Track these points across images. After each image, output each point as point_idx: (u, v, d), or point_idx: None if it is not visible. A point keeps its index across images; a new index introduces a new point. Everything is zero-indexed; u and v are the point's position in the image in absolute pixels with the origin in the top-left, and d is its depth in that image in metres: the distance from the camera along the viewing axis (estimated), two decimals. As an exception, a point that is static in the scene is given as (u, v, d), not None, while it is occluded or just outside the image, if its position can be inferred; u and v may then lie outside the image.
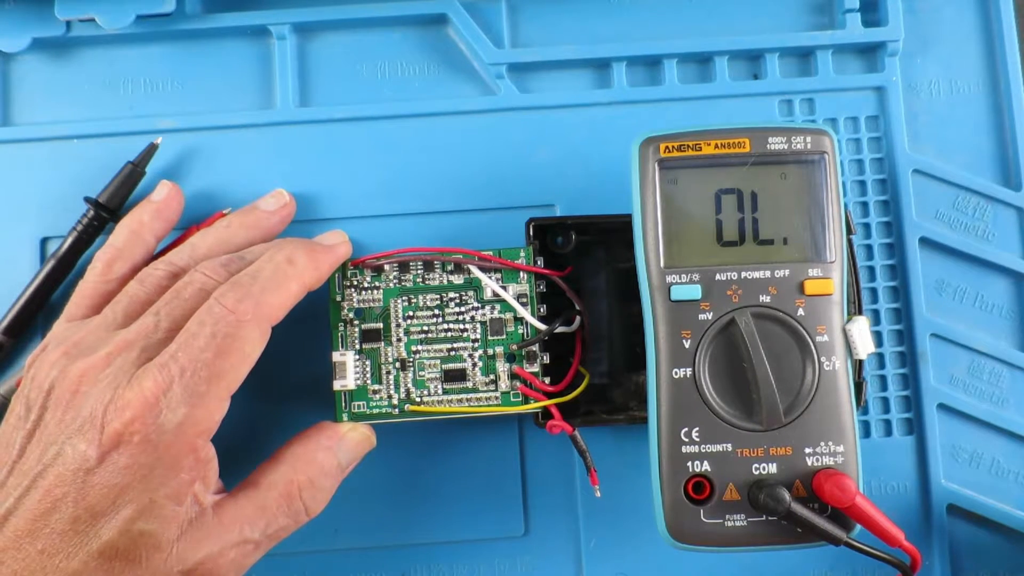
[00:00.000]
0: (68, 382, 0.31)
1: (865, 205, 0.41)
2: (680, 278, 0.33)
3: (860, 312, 0.36)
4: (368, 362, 0.36)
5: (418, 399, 0.36)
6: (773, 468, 0.32)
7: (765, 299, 0.33)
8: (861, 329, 0.33)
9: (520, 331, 0.37)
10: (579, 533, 0.39)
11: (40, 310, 0.39)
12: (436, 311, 0.37)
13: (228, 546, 0.31)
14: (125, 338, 0.32)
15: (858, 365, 0.34)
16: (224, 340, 0.30)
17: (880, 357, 0.40)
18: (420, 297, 0.37)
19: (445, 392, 0.37)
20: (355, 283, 0.37)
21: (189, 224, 0.39)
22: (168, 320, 0.32)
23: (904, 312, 0.40)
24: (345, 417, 0.36)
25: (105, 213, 0.39)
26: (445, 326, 0.37)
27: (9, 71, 0.42)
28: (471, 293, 0.37)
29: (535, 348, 0.36)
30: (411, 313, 0.37)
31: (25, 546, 0.29)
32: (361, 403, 0.36)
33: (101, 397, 0.30)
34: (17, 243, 0.40)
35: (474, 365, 0.37)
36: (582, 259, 0.39)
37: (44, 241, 0.40)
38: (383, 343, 0.37)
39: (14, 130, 0.41)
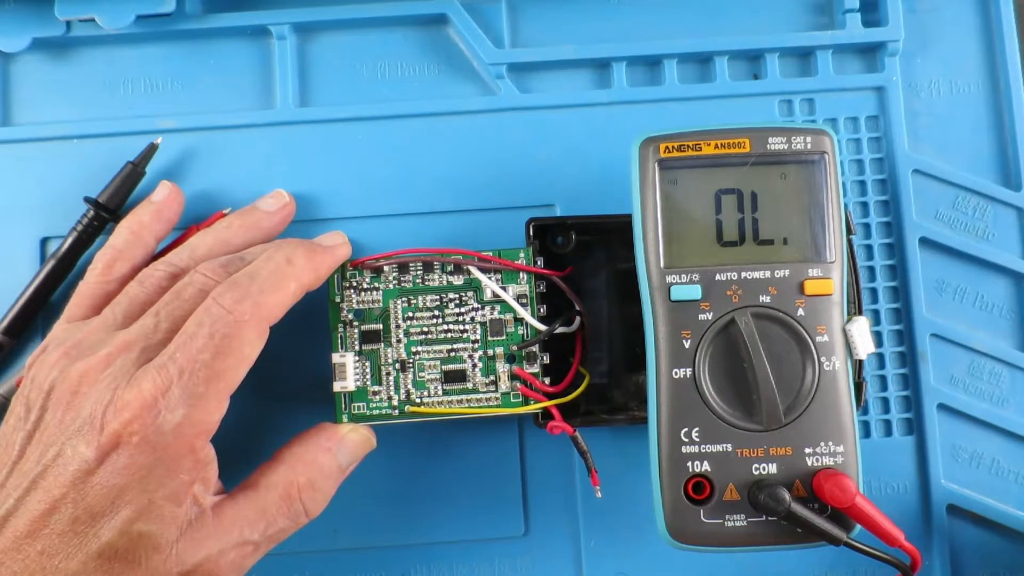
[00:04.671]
0: (68, 383, 0.31)
1: (865, 205, 0.41)
2: (680, 278, 0.33)
3: (860, 312, 0.36)
4: (368, 363, 0.36)
5: (418, 400, 0.36)
6: (773, 468, 0.32)
7: (765, 299, 0.33)
8: (861, 329, 0.33)
9: (520, 332, 0.37)
10: (579, 533, 0.39)
11: (40, 310, 0.39)
12: (436, 312, 0.37)
13: (227, 547, 0.31)
14: (125, 339, 0.32)
15: (858, 365, 0.34)
16: (222, 340, 0.30)
17: (880, 357, 0.40)
18: (420, 298, 0.37)
19: (445, 393, 0.37)
20: (354, 284, 0.37)
21: (189, 224, 0.39)
22: (168, 321, 0.32)
23: (904, 312, 0.40)
24: (345, 418, 0.36)
25: (105, 213, 0.39)
26: (445, 327, 0.37)
27: (9, 71, 0.42)
28: (471, 294, 0.37)
29: (535, 349, 0.36)
30: (411, 314, 0.37)
31: (25, 547, 0.29)
32: (361, 404, 0.36)
33: (100, 398, 0.30)
34: (17, 243, 0.40)
35: (474, 366, 0.37)
36: (582, 259, 0.39)
37: (44, 241, 0.40)
38: (383, 344, 0.37)
39: (14, 130, 0.41)
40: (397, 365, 0.36)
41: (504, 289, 0.37)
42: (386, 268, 0.37)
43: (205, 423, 0.30)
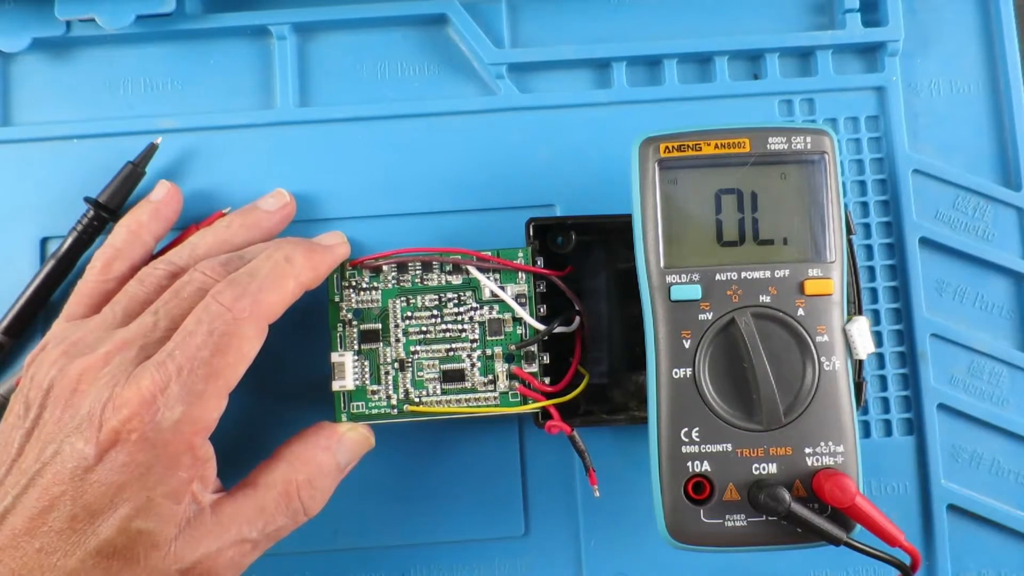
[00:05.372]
0: (67, 381, 0.31)
1: (865, 205, 0.41)
2: (680, 278, 0.33)
3: (860, 312, 0.36)
4: (367, 363, 0.36)
5: (417, 399, 0.36)
6: (773, 468, 0.32)
7: (765, 299, 0.33)
8: (861, 329, 0.33)
9: (519, 331, 0.37)
10: (579, 533, 0.39)
11: (40, 310, 0.39)
12: (435, 311, 0.37)
13: (226, 545, 0.31)
14: (124, 337, 0.32)
15: (858, 365, 0.34)
16: (221, 338, 0.30)
17: (880, 357, 0.40)
18: (419, 297, 0.37)
19: (444, 392, 0.36)
20: (354, 284, 0.37)
21: (189, 224, 0.39)
22: (167, 319, 0.32)
23: (904, 312, 0.40)
24: (344, 417, 0.36)
25: (105, 213, 0.39)
26: (444, 326, 0.37)
27: (9, 71, 0.42)
28: (469, 293, 0.37)
29: (534, 348, 0.36)
30: (409, 314, 0.37)
31: (23, 545, 0.29)
32: (360, 403, 0.36)
33: (99, 395, 0.30)
34: (17, 243, 0.40)
35: (472, 365, 0.37)
36: (582, 259, 0.39)
37: (44, 241, 0.40)
38: (382, 344, 0.37)
39: (14, 130, 0.41)
40: (396, 364, 0.36)
41: (503, 289, 0.37)
42: (385, 268, 0.37)
43: (204, 420, 0.30)
